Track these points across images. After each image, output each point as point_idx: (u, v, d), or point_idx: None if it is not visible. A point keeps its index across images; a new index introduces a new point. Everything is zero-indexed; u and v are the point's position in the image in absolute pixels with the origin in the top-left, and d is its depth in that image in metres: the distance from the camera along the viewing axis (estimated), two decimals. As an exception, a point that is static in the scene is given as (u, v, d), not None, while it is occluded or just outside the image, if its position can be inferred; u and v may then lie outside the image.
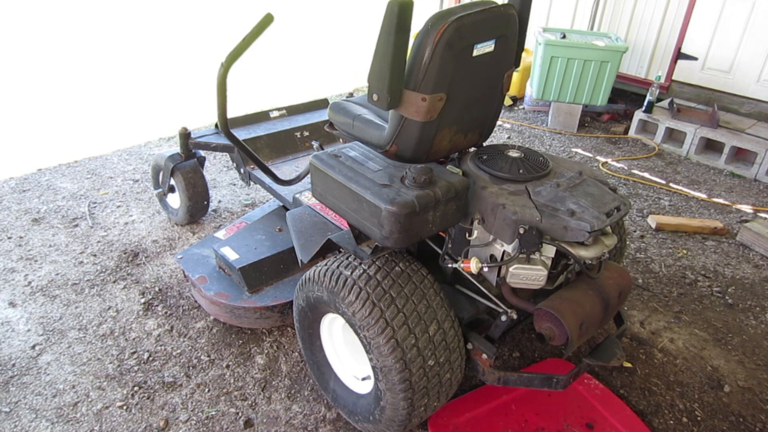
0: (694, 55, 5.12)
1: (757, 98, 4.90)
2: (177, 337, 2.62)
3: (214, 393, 2.34)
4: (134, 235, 3.36)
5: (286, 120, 3.65)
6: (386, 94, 1.77)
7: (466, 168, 2.02)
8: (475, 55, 1.84)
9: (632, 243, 3.50)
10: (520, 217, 1.78)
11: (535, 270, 1.79)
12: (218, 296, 2.57)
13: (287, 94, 5.88)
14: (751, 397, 2.43)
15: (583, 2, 5.71)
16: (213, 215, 3.62)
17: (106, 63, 6.63)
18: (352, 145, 2.11)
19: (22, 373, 2.39)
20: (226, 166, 4.29)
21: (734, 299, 3.03)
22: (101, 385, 2.35)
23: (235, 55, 2.46)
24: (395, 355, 1.77)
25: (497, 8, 1.88)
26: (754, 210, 3.99)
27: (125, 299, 2.84)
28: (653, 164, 4.65)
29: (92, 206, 3.64)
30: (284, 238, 2.83)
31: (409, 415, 1.88)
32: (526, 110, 5.79)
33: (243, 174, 3.27)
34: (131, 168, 4.18)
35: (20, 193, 3.75)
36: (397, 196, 1.74)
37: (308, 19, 9.16)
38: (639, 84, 5.52)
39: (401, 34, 1.68)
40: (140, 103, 5.52)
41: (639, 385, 2.46)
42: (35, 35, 7.54)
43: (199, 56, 7.01)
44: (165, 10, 9.13)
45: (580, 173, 1.98)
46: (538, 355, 2.59)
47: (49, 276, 2.97)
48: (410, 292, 1.85)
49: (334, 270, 1.94)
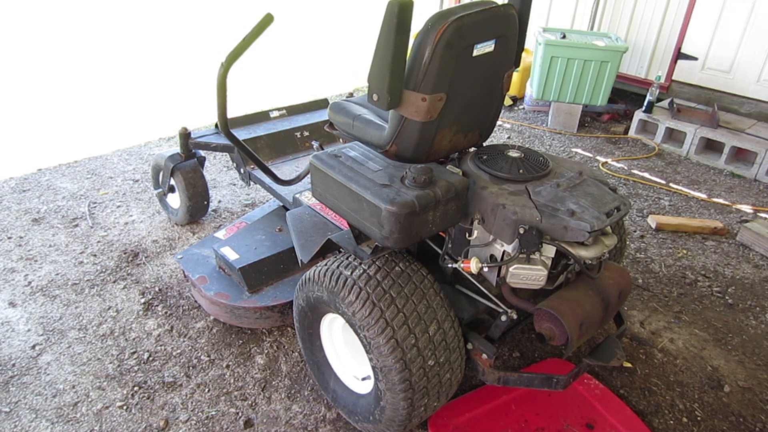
0: (694, 55, 5.12)
1: (757, 98, 4.90)
2: (177, 337, 2.62)
3: (214, 393, 2.34)
4: (134, 235, 3.36)
5: (286, 120, 3.65)
6: (386, 94, 1.78)
7: (466, 168, 2.02)
8: (475, 55, 1.84)
9: (632, 243, 3.50)
10: (520, 217, 1.77)
11: (535, 270, 1.79)
12: (218, 296, 2.57)
13: (287, 94, 5.88)
14: (751, 397, 2.43)
15: (583, 2, 5.71)
16: (213, 215, 3.62)
17: (106, 63, 6.64)
18: (352, 145, 2.11)
19: (22, 373, 2.39)
20: (226, 166, 4.29)
21: (734, 299, 3.03)
22: (101, 385, 2.35)
23: (235, 55, 2.46)
24: (395, 355, 1.77)
25: (497, 8, 1.88)
26: (754, 210, 3.99)
27: (125, 299, 2.84)
28: (653, 164, 4.65)
29: (92, 206, 3.64)
30: (284, 238, 2.83)
31: (409, 415, 1.88)
32: (526, 110, 5.79)
33: (243, 174, 3.27)
34: (131, 168, 4.18)
35: (20, 193, 3.75)
36: (397, 196, 1.74)
37: (308, 19, 9.16)
38: (639, 84, 5.52)
39: (401, 34, 1.68)
40: (140, 103, 5.52)
41: (639, 385, 2.46)
42: (36, 35, 7.54)
43: (199, 56, 7.02)
44: (165, 10, 9.13)
45: (580, 173, 1.98)
46: (538, 355, 2.59)
47: (49, 276, 2.97)
48: (410, 292, 1.85)
49: (334, 270, 1.94)
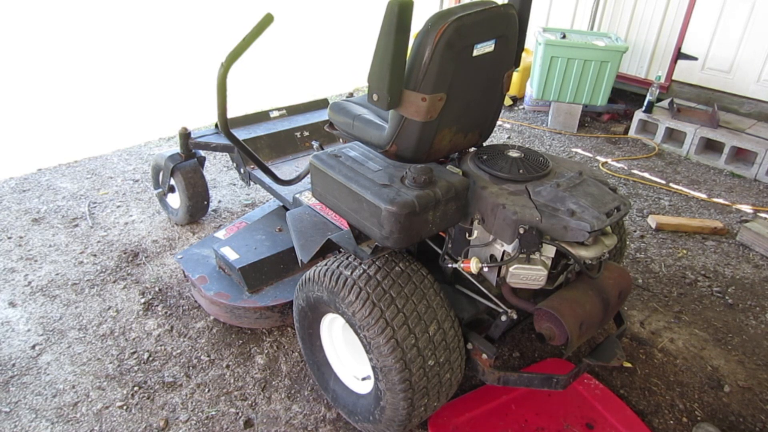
0: (694, 55, 5.12)
1: (757, 98, 4.90)
2: (177, 337, 2.62)
3: (214, 393, 2.34)
4: (134, 235, 3.36)
5: (286, 120, 3.65)
6: (386, 94, 1.78)
7: (466, 168, 2.02)
8: (475, 55, 1.84)
9: (632, 243, 3.50)
10: (520, 217, 1.77)
11: (535, 270, 1.79)
12: (218, 296, 2.58)
13: (287, 94, 5.88)
14: (751, 397, 2.43)
15: (583, 2, 5.71)
16: (213, 215, 3.62)
17: (106, 63, 6.63)
18: (352, 145, 2.11)
19: (22, 373, 2.39)
20: (226, 166, 4.29)
21: (734, 299, 3.04)
22: (101, 385, 2.35)
23: (235, 55, 2.46)
24: (395, 355, 1.77)
25: (497, 8, 1.88)
26: (754, 210, 3.99)
27: (125, 299, 2.84)
28: (653, 164, 4.65)
29: (92, 206, 3.64)
30: (284, 238, 2.83)
31: (409, 415, 1.89)
32: (526, 110, 5.79)
33: (243, 174, 3.27)
34: (131, 168, 4.18)
35: (20, 193, 3.76)
36: (397, 196, 1.74)
37: (308, 19, 9.16)
38: (639, 84, 5.52)
39: (401, 34, 1.68)
40: (140, 103, 5.52)
41: (639, 385, 2.46)
42: (36, 35, 7.54)
43: (199, 56, 7.02)
44: (165, 10, 9.13)
45: (580, 173, 1.98)
46: (538, 355, 2.59)
47: (49, 276, 2.97)
48: (410, 292, 1.85)
49: (334, 270, 1.94)
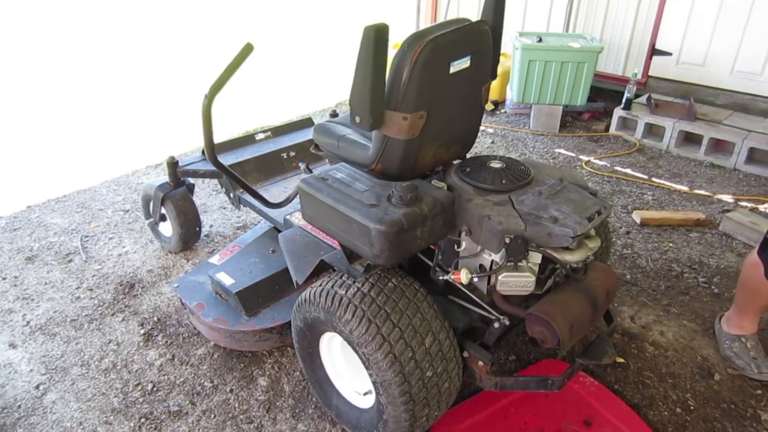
0: (668, 51, 5.24)
1: (731, 89, 5.02)
2: (179, 365, 2.65)
3: (220, 418, 2.37)
4: (129, 266, 3.38)
5: (272, 141, 3.70)
6: (368, 116, 1.83)
7: (451, 181, 2.08)
8: (452, 72, 1.90)
9: (618, 239, 3.58)
10: (506, 227, 1.83)
11: (523, 277, 1.85)
12: (217, 322, 2.61)
13: (271, 112, 5.92)
14: (740, 384, 2.50)
15: (557, 5, 5.81)
16: (206, 240, 3.65)
17: (86, 95, 6.65)
18: (338, 167, 2.16)
19: (28, 414, 2.40)
20: (215, 190, 4.32)
21: (720, 288, 3.11)
22: (108, 420, 2.37)
23: (218, 86, 2.51)
24: (394, 369, 1.82)
25: (471, 26, 1.95)
26: (734, 199, 4.08)
27: (125, 331, 2.86)
28: (635, 160, 4.75)
29: (84, 240, 3.66)
30: (278, 259, 2.87)
31: (412, 427, 1.93)
32: (507, 114, 5.88)
33: (233, 198, 3.31)
34: (121, 198, 4.21)
35: (11, 232, 3.77)
36: (385, 215, 1.79)
37: (287, 36, 9.22)
38: (617, 81, 5.62)
39: (379, 58, 1.74)
40: (124, 133, 5.54)
41: (633, 380, 2.52)
42: (17, 68, 7.55)
43: (181, 83, 7.05)
44: (147, 40, 9.17)
45: (561, 180, 2.04)
46: (534, 357, 2.64)
47: (47, 314, 2.99)
48: (404, 306, 1.90)
49: (328, 290, 1.98)
